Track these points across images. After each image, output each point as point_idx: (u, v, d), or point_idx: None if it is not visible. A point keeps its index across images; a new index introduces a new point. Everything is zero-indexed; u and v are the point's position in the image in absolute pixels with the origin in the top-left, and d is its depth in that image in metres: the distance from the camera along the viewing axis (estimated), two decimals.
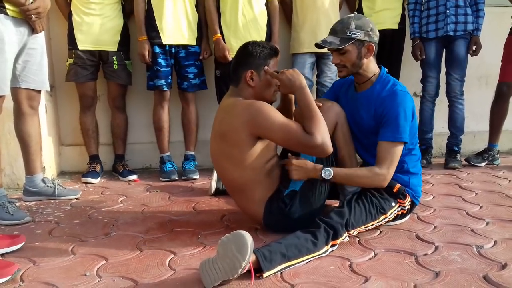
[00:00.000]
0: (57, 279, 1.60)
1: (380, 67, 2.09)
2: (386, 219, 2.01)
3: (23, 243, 1.88)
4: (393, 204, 2.02)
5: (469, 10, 3.22)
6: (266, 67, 1.97)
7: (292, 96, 2.19)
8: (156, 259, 1.77)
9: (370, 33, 1.99)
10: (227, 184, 2.08)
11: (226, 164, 1.98)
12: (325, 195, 2.04)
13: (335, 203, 2.25)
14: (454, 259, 1.73)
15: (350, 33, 1.97)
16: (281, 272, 1.62)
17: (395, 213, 2.04)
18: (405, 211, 2.08)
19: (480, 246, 1.84)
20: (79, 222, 2.24)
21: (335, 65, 2.09)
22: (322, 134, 1.82)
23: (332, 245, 1.80)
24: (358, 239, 1.93)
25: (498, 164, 3.42)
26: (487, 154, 3.42)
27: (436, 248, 1.84)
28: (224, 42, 3.00)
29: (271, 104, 1.98)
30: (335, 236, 1.81)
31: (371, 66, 2.06)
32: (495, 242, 1.89)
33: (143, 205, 2.53)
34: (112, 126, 3.25)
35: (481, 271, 1.61)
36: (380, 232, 2.02)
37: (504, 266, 1.65)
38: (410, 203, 2.08)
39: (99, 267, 1.70)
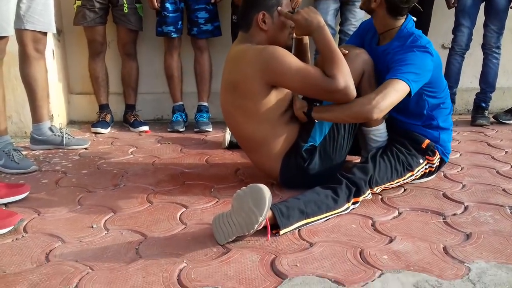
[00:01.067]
0: (62, 230, 1.52)
1: (407, 17, 1.88)
2: (413, 177, 1.88)
3: (28, 192, 1.80)
4: (421, 161, 1.88)
5: None
6: (279, 8, 1.77)
7: (307, 41, 2.01)
8: (166, 212, 1.67)
9: None
10: (240, 140, 1.95)
11: (239, 117, 1.82)
12: (347, 150, 1.90)
13: (356, 159, 2.11)
14: (485, 220, 1.60)
15: None
16: (299, 230, 1.51)
17: (422, 171, 1.90)
18: (433, 169, 1.94)
19: None
20: (87, 173, 2.15)
21: None
22: (345, 77, 1.65)
23: (354, 203, 1.68)
24: (380, 196, 1.81)
25: None
26: None
27: (466, 208, 1.71)
28: None
29: (286, 48, 1.78)
30: (358, 193, 1.69)
31: (385, 19, 1.85)
32: None
33: (154, 156, 2.43)
34: (123, 74, 3.11)
35: None
36: (405, 190, 1.90)
37: None
38: (439, 160, 1.93)
39: (106, 219, 1.62)
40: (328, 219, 1.59)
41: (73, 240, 1.45)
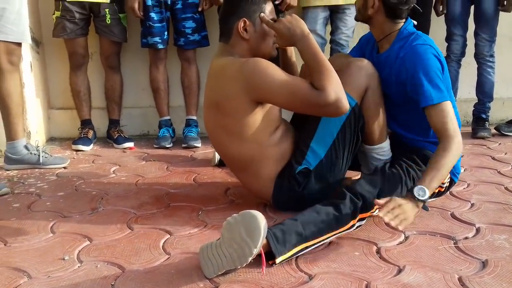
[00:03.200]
0: (29, 263, 1.36)
1: (406, 20, 1.75)
2: None
3: None
4: None
5: None
6: (261, 14, 1.62)
7: (293, 52, 1.85)
8: (148, 240, 1.51)
9: None
10: (228, 161, 1.79)
11: (224, 136, 1.67)
12: (346, 171, 1.75)
13: (355, 175, 1.95)
14: (501, 244, 1.46)
15: None
16: (297, 258, 1.35)
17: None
18: (443, 189, 1.78)
19: None
20: (64, 195, 1.98)
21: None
22: (335, 88, 1.49)
23: (360, 219, 1.51)
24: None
25: None
26: None
27: (478, 230, 1.57)
28: None
29: (270, 60, 1.63)
30: (365, 208, 1.51)
31: (384, 25, 1.72)
32: None
33: (138, 175, 2.26)
34: (106, 88, 2.95)
35: None
36: None
37: None
38: (449, 180, 1.78)
39: (80, 249, 1.45)
40: (330, 240, 1.44)
41: (41, 276, 1.29)
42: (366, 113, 1.69)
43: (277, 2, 2.69)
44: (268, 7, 1.65)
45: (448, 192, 1.92)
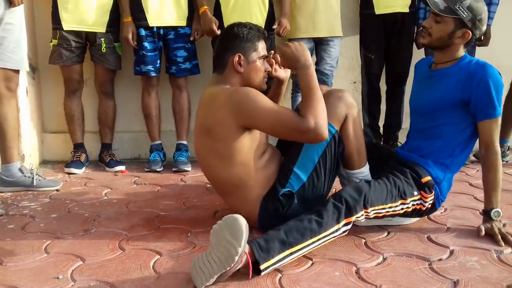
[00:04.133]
0: (25, 282, 1.42)
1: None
2: (404, 209, 1.80)
3: None
4: (415, 193, 1.82)
5: None
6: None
7: (285, 85, 2.02)
8: (139, 260, 1.58)
9: (477, 22, 1.77)
10: (215, 184, 1.88)
11: (213, 161, 1.77)
12: (328, 193, 1.85)
13: None
14: (472, 265, 1.55)
15: (458, 7, 1.77)
16: (280, 279, 1.43)
17: (413, 205, 1.83)
18: (424, 208, 1.87)
19: (500, 251, 1.66)
20: (57, 217, 2.04)
21: (423, 27, 1.89)
22: (317, 116, 1.61)
23: (346, 224, 1.61)
24: (364, 240, 1.75)
25: (507, 161, 3.24)
26: None
27: (452, 252, 1.66)
28: (222, 19, 2.80)
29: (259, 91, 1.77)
30: (349, 213, 1.61)
31: (459, 51, 1.86)
32: None
33: (129, 198, 2.33)
34: (99, 113, 3.04)
35: (504, 280, 1.44)
36: (388, 233, 1.84)
37: None
38: (431, 202, 1.88)
39: (74, 268, 1.51)
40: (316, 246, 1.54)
41: None
42: (346, 139, 1.80)
43: (274, 27, 2.85)
44: (261, 45, 1.80)
45: (426, 216, 2.02)
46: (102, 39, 2.80)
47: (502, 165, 1.82)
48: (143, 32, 2.80)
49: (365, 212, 1.66)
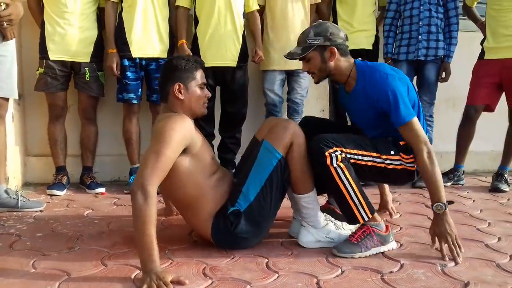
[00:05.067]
0: None
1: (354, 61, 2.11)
2: (384, 164, 2.02)
3: None
4: (392, 152, 2.03)
5: (441, 36, 3.33)
6: None
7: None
8: (120, 274, 1.73)
9: (330, 37, 2.03)
10: (173, 202, 2.08)
11: (167, 182, 1.86)
12: (275, 214, 2.03)
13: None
14: (418, 277, 1.75)
15: (309, 41, 2.03)
16: None
17: (394, 165, 2.03)
18: (410, 169, 2.08)
19: (444, 265, 1.87)
20: (42, 236, 2.17)
21: (307, 72, 2.13)
22: (139, 185, 1.68)
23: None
24: (326, 256, 1.94)
25: (463, 184, 3.52)
26: (453, 175, 3.51)
27: (402, 266, 1.86)
28: (199, 51, 3.02)
29: (201, 116, 2.03)
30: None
31: (342, 65, 2.08)
32: None
33: (110, 219, 2.48)
34: (82, 137, 3.19)
35: None
36: None
37: (466, 285, 1.68)
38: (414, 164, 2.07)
39: (60, 282, 1.65)
40: None
41: None
42: (292, 165, 1.98)
43: (253, 58, 3.12)
44: (199, 74, 1.99)
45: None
46: (86, 69, 2.98)
47: (435, 158, 2.01)
48: (126, 62, 3.00)
49: (340, 149, 1.93)
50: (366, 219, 1.99)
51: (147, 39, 2.99)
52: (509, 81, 3.25)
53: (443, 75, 3.42)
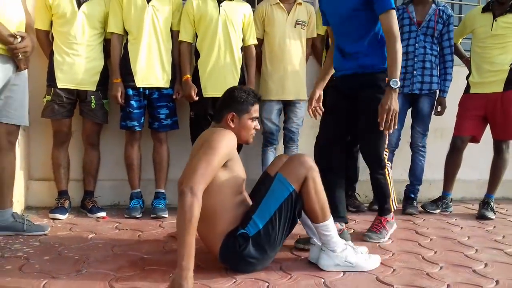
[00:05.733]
0: None
1: None
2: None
3: None
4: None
5: (435, 72, 3.51)
6: None
7: None
8: None
9: None
10: None
11: None
12: (282, 242, 2.13)
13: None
14: None
15: None
16: None
17: None
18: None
19: None
20: (49, 259, 2.24)
21: None
22: (188, 186, 1.83)
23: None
24: (323, 280, 2.04)
25: (451, 212, 3.66)
26: (441, 202, 3.65)
27: None
28: (200, 82, 3.17)
29: (245, 144, 2.24)
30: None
31: None
32: (448, 285, 2.04)
33: (113, 242, 2.56)
34: (84, 162, 3.28)
35: None
36: (344, 273, 2.14)
37: None
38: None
39: None
40: None
41: None
42: (307, 197, 2.09)
43: None
44: (254, 108, 2.18)
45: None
46: (92, 97, 3.10)
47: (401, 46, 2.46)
48: (130, 91, 3.13)
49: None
50: (394, 209, 2.80)
51: (151, 70, 3.13)
52: (493, 114, 3.44)
53: (439, 108, 3.60)
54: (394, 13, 2.43)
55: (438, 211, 3.62)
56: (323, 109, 2.82)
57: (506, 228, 3.18)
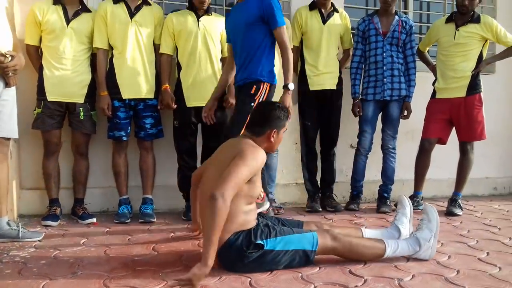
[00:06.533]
0: None
1: None
2: None
3: None
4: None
5: (402, 79, 3.76)
6: None
7: None
8: None
9: None
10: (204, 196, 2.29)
11: (213, 184, 2.17)
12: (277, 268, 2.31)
13: None
14: None
15: None
16: None
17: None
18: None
19: (401, 279, 2.20)
20: (46, 263, 2.39)
21: None
22: (221, 193, 2.05)
23: None
24: (301, 274, 2.24)
25: (421, 209, 3.89)
26: (412, 200, 3.86)
27: (365, 281, 2.18)
28: (183, 93, 3.36)
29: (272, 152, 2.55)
30: None
31: None
32: (413, 275, 2.26)
33: (105, 246, 2.71)
34: (74, 171, 3.42)
35: None
36: (319, 268, 2.34)
37: None
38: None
39: None
40: None
41: None
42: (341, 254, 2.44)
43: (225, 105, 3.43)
44: (286, 124, 2.47)
45: None
46: (81, 108, 3.26)
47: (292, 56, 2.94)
48: (117, 103, 3.30)
49: None
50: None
51: (135, 82, 3.31)
52: (458, 117, 3.70)
53: (405, 113, 3.84)
54: (285, 29, 2.91)
55: None
56: (214, 118, 3.27)
57: (471, 224, 3.43)
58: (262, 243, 2.24)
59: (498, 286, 2.14)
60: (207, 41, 3.37)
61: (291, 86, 2.84)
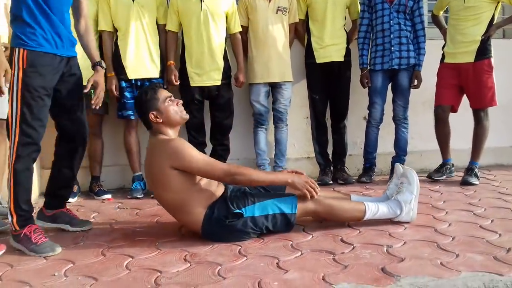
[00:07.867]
0: (30, 278, 1.93)
1: None
2: None
3: (3, 250, 2.21)
4: None
5: (411, 47, 3.65)
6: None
7: None
8: (116, 262, 2.09)
9: None
10: (166, 207, 2.43)
11: (159, 191, 2.37)
12: (256, 233, 2.37)
13: None
14: (364, 256, 2.07)
15: None
16: (218, 270, 1.96)
17: None
18: None
19: (390, 246, 2.18)
20: (53, 235, 2.55)
21: None
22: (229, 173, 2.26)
23: None
24: (291, 242, 2.28)
25: (453, 176, 3.80)
26: (444, 168, 3.77)
27: (353, 248, 2.18)
28: (187, 72, 3.42)
29: (186, 120, 2.49)
30: None
31: None
32: (405, 242, 2.24)
33: (112, 219, 2.86)
34: (90, 150, 3.57)
35: (381, 264, 1.95)
36: (312, 236, 2.37)
37: (402, 260, 2.00)
38: None
39: (66, 269, 2.02)
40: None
41: (38, 285, 1.85)
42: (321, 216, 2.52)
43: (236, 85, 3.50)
44: (159, 94, 2.38)
45: (347, 224, 2.55)
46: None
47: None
48: (123, 84, 3.42)
49: None
50: None
51: (140, 62, 3.40)
52: (467, 84, 3.56)
53: (415, 82, 3.73)
54: None
55: (444, 177, 3.75)
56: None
57: (485, 193, 3.31)
58: (241, 212, 2.29)
59: (491, 252, 2.08)
60: (209, 21, 3.39)
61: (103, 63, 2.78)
